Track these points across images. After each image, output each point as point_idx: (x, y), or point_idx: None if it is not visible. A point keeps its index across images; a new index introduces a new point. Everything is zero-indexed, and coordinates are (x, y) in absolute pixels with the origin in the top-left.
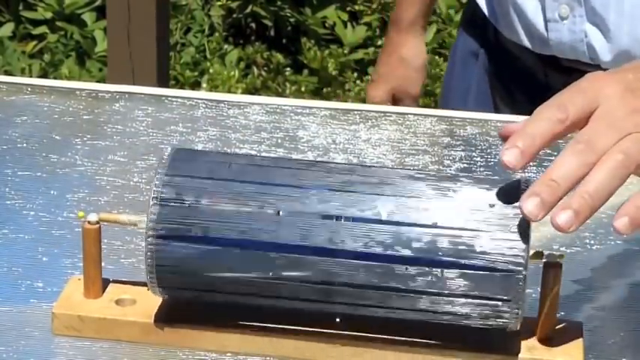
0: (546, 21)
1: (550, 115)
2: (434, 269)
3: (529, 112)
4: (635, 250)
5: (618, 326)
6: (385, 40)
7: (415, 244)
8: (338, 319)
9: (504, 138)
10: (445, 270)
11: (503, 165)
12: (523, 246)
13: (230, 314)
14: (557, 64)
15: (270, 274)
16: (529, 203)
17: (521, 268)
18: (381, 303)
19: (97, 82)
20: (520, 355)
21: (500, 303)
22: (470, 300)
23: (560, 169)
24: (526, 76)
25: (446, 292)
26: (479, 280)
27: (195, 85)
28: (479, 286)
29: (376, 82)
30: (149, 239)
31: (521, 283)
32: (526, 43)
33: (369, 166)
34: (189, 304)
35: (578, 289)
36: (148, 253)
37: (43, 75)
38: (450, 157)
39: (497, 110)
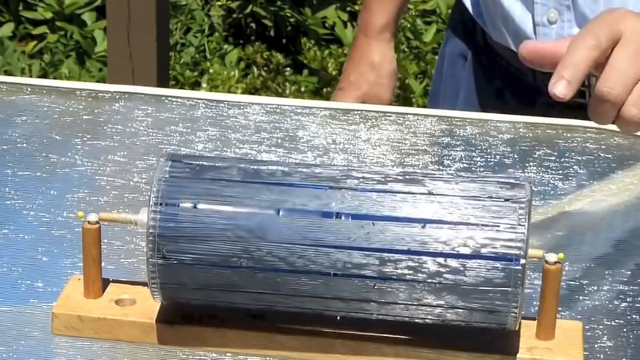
0: (535, 25)
1: (585, 43)
2: (432, 270)
3: (518, 113)
4: (635, 250)
5: (618, 326)
6: (353, 46)
7: (411, 245)
8: (338, 318)
9: (530, 57)
10: (444, 270)
11: (556, 96)
12: (522, 245)
13: (230, 314)
14: None
15: (272, 273)
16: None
17: (519, 268)
18: (380, 300)
19: (97, 82)
20: (520, 355)
21: (498, 302)
22: (469, 300)
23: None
24: (515, 77)
25: (444, 292)
26: (478, 280)
27: (195, 85)
28: (478, 285)
29: (345, 89)
30: (150, 239)
31: (519, 282)
32: (513, 46)
33: (366, 168)
34: (189, 304)
35: (578, 289)
36: (149, 253)
37: (43, 75)
38: (450, 157)
39: (485, 112)
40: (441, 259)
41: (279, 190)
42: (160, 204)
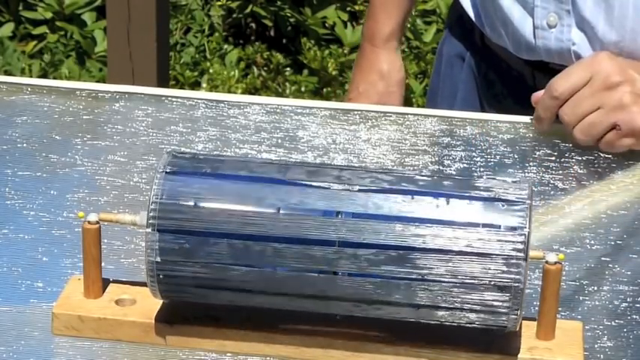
0: (534, 28)
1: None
2: (433, 270)
3: (517, 114)
4: (635, 250)
5: (618, 326)
6: (360, 55)
7: (412, 245)
8: (338, 317)
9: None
10: (445, 270)
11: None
12: (523, 246)
13: (230, 314)
14: (545, 67)
15: (272, 269)
16: None
17: (520, 269)
18: (382, 299)
19: (97, 82)
20: (520, 355)
21: (499, 303)
22: (469, 300)
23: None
24: (514, 78)
25: (445, 292)
26: (478, 280)
27: (195, 85)
28: (478, 286)
29: (355, 100)
30: (149, 237)
31: (520, 283)
32: (511, 49)
33: (368, 168)
34: (189, 304)
35: (578, 289)
36: (149, 251)
37: (43, 75)
38: (450, 157)
39: (484, 112)
40: (441, 260)
41: (281, 188)
42: (161, 202)
